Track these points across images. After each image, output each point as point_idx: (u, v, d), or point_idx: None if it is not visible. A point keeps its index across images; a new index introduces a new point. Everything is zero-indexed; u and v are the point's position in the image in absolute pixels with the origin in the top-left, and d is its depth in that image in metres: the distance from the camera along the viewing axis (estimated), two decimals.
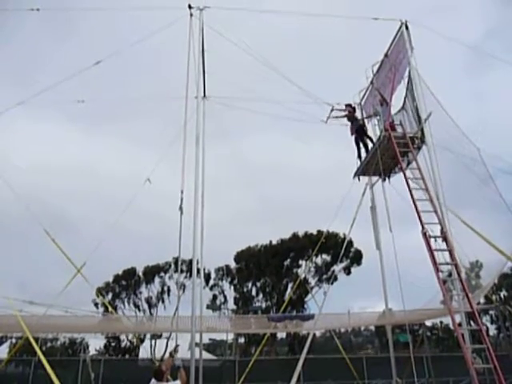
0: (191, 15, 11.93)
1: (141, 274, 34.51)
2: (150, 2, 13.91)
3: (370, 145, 12.16)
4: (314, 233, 32.96)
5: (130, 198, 11.81)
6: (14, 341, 28.96)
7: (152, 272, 34.40)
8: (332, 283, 30.87)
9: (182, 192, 9.91)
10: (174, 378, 7.01)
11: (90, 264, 11.62)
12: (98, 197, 41.58)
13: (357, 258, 33.51)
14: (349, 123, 12.67)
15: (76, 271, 11.33)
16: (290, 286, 33.35)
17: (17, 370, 21.35)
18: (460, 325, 8.44)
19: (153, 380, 6.77)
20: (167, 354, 8.36)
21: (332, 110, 12.90)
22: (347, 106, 12.84)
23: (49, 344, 35.32)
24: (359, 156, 12.58)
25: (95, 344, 34.37)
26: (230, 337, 33.06)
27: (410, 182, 9.62)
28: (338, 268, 32.96)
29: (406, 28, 11.28)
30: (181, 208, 9.66)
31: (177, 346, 8.39)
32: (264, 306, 33.74)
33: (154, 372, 6.81)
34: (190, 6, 11.90)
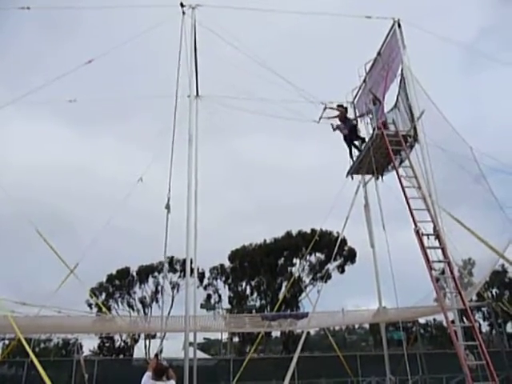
0: (183, 13, 11.87)
1: (134, 273, 34.39)
2: (142, 1, 13.85)
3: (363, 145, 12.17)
4: (308, 231, 33.03)
5: (123, 198, 11.75)
6: (6, 342, 28.75)
7: (146, 272, 34.29)
8: (326, 281, 30.99)
9: (169, 191, 9.91)
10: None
11: (83, 264, 11.54)
12: (93, 196, 41.37)
13: (350, 256, 33.65)
14: (339, 123, 12.63)
15: (69, 271, 11.26)
16: (284, 284, 33.40)
17: (10, 372, 21.16)
18: (453, 322, 8.48)
19: (148, 374, 6.70)
20: (153, 355, 8.35)
21: (325, 109, 12.89)
22: (339, 106, 12.84)
23: (42, 345, 35.11)
24: (351, 155, 12.61)
25: (89, 344, 34.23)
26: (225, 336, 33.09)
27: (402, 180, 9.65)
28: (331, 266, 33.06)
29: (399, 26, 11.30)
30: (168, 207, 9.65)
31: (161, 348, 8.45)
32: (258, 304, 33.77)
33: (156, 368, 6.73)
34: (181, 4, 11.84)
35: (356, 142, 12.44)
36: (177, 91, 11.03)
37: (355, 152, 12.49)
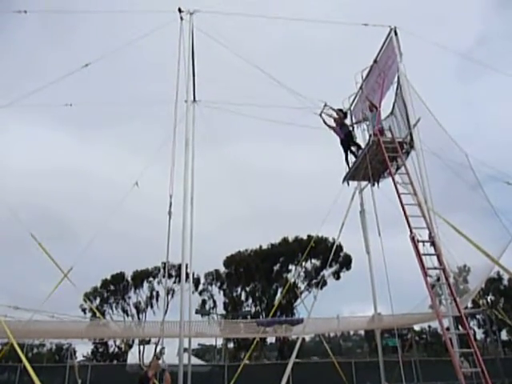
0: (181, 19, 11.91)
1: (129, 278, 34.23)
2: (141, 6, 13.89)
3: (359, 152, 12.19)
4: (304, 237, 32.99)
5: (118, 203, 11.73)
6: None
7: (141, 277, 34.15)
8: (321, 288, 30.93)
9: (170, 196, 9.85)
10: (160, 381, 6.96)
11: (78, 269, 11.47)
12: (92, 201, 41.28)
13: (346, 262, 33.63)
14: (335, 125, 12.62)
15: (63, 276, 11.19)
16: (279, 290, 33.32)
17: (2, 377, 20.96)
18: (448, 329, 8.47)
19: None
20: (154, 357, 8.30)
21: (325, 106, 12.84)
22: (339, 110, 12.85)
23: (35, 350, 34.85)
24: (347, 160, 12.63)
25: (82, 350, 34.02)
26: (220, 342, 32.92)
27: (398, 186, 9.65)
28: (327, 273, 33.04)
29: (395, 34, 11.36)
30: (169, 212, 9.60)
31: (162, 348, 8.33)
32: (253, 310, 33.65)
33: (140, 378, 6.74)
34: (180, 10, 11.88)
35: (352, 148, 12.46)
36: (176, 96, 11.02)
37: (351, 158, 12.51)
